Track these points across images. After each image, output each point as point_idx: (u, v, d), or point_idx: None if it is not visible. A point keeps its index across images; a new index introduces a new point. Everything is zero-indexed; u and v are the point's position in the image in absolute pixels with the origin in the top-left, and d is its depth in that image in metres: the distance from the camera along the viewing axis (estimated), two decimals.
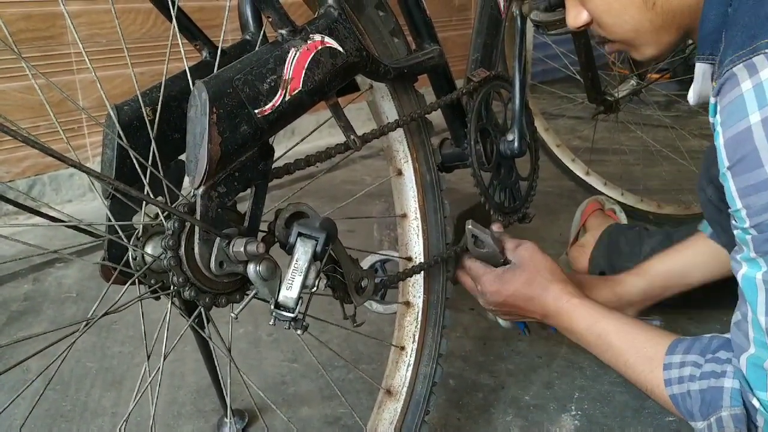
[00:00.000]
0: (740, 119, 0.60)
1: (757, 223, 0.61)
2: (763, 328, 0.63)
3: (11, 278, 1.56)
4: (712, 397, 0.69)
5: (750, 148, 0.60)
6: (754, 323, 0.64)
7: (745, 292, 0.65)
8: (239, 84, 0.60)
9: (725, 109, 0.62)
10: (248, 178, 0.64)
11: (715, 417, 0.68)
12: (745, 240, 0.64)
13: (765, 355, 0.63)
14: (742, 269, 0.65)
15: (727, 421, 0.67)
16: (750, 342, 0.65)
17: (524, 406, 1.07)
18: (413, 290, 0.93)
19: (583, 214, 1.55)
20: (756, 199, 0.61)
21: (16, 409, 1.07)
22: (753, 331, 0.65)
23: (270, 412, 1.06)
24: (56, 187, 2.03)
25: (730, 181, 0.63)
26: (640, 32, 0.75)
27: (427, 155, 0.92)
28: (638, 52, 0.79)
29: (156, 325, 0.71)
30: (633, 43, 0.77)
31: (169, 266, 0.60)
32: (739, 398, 0.67)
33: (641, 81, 1.79)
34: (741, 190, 0.62)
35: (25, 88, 1.87)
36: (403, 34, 0.89)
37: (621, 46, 0.79)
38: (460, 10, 3.46)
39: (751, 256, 0.64)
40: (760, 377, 0.64)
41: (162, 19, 1.89)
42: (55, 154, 0.48)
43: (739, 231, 0.65)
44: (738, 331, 0.67)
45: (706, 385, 0.70)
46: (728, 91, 0.62)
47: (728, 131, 0.62)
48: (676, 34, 0.74)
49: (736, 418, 0.67)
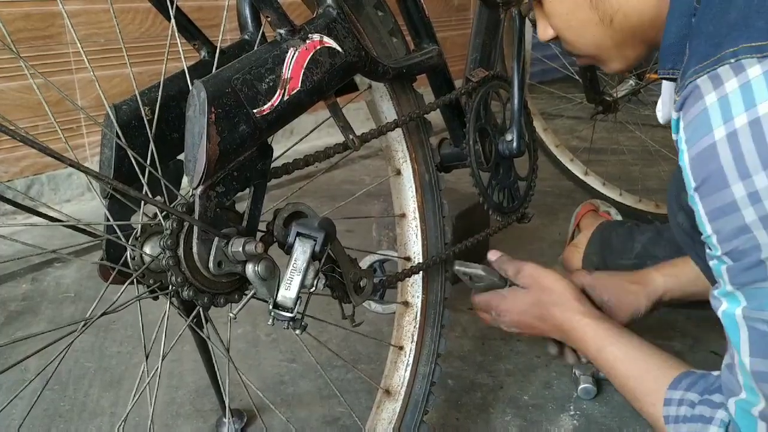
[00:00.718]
0: (704, 135, 0.56)
1: (729, 250, 0.57)
2: (748, 371, 0.58)
3: (10, 278, 1.56)
4: None
5: (715, 167, 0.55)
6: (741, 367, 0.60)
7: (728, 331, 0.60)
8: (238, 84, 0.60)
9: (689, 125, 0.58)
10: (247, 178, 0.64)
11: None
12: (720, 272, 0.59)
13: (754, 400, 0.59)
14: (722, 306, 0.60)
15: None
16: (740, 386, 0.61)
17: (523, 406, 1.07)
18: (412, 290, 0.93)
19: (577, 216, 1.56)
20: (725, 223, 0.56)
21: (14, 409, 1.07)
22: (741, 375, 0.60)
23: (269, 412, 1.06)
24: (54, 186, 2.02)
25: (698, 203, 0.58)
26: (602, 48, 0.74)
27: (425, 155, 0.92)
28: (606, 66, 0.78)
29: (154, 325, 0.71)
30: (598, 59, 0.77)
31: (167, 266, 0.60)
32: None
33: (640, 81, 1.79)
34: (709, 213, 0.57)
35: (24, 87, 1.86)
36: (401, 33, 0.89)
37: (588, 60, 0.79)
38: (459, 10, 3.47)
39: (728, 290, 0.59)
40: (750, 424, 0.60)
41: (161, 19, 1.89)
42: (54, 153, 0.48)
43: (714, 261, 0.60)
44: (729, 374, 0.63)
45: (694, 430, 0.67)
46: (691, 105, 0.57)
47: (692, 149, 0.57)
48: (640, 48, 0.73)
49: None
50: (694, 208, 0.60)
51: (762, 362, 0.57)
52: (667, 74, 0.66)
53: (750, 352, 0.58)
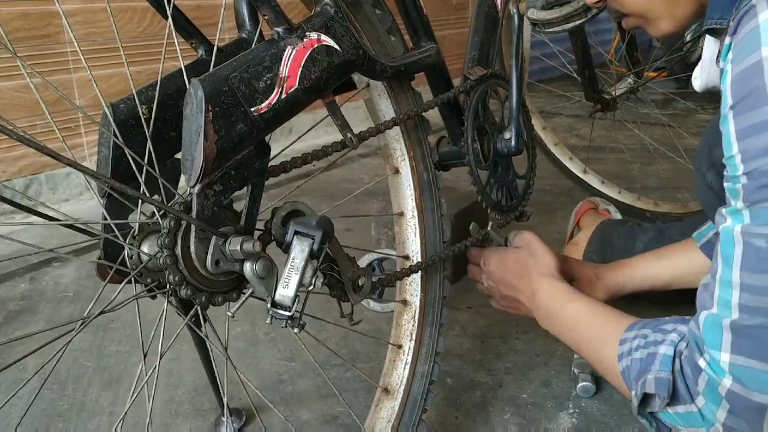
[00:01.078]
0: (752, 52, 0.56)
1: (751, 170, 0.58)
2: (732, 283, 0.60)
3: (8, 277, 1.55)
4: (645, 364, 0.68)
5: (757, 84, 0.56)
6: (722, 281, 0.62)
7: (722, 246, 0.62)
8: (235, 82, 0.60)
9: (738, 44, 0.58)
10: (245, 177, 0.64)
11: (641, 380, 0.68)
12: (735, 190, 0.61)
13: (725, 314, 0.61)
14: (725, 222, 0.62)
15: (650, 383, 0.66)
16: (714, 301, 0.63)
17: (522, 404, 1.07)
18: (410, 289, 0.93)
19: (577, 214, 1.56)
20: (754, 141, 0.57)
21: (12, 408, 1.07)
22: (719, 289, 0.62)
23: (267, 410, 1.06)
24: (53, 186, 2.02)
25: (730, 123, 0.59)
26: (653, 3, 0.74)
27: (424, 153, 0.92)
28: (654, 27, 0.77)
29: (153, 324, 0.71)
30: (647, 16, 0.76)
31: (165, 265, 0.60)
32: (669, 364, 0.66)
33: (638, 79, 1.79)
34: (740, 132, 0.58)
35: (21, 86, 1.86)
36: (399, 32, 0.89)
37: (637, 21, 0.78)
38: (458, 9, 3.46)
39: (738, 207, 0.61)
40: (717, 335, 0.62)
41: (158, 18, 1.88)
42: (51, 152, 0.48)
43: (730, 183, 0.61)
44: (704, 291, 0.65)
45: (645, 354, 0.69)
46: (745, 24, 0.58)
47: (737, 66, 0.58)
48: (691, 6, 0.73)
49: (659, 381, 0.66)
50: (723, 130, 0.61)
51: (751, 276, 0.59)
52: (715, 24, 0.66)
53: (741, 266, 0.60)
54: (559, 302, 0.90)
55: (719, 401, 0.62)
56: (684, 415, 0.66)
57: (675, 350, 0.67)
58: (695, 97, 3.23)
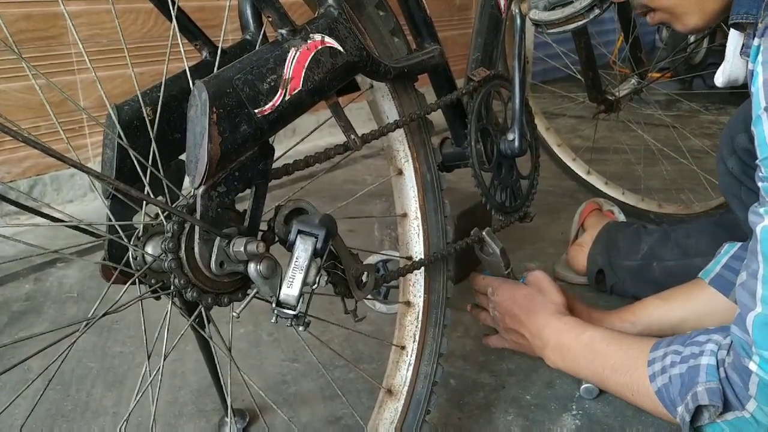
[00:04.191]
0: None
1: None
2: None
3: (12, 278, 1.56)
4: (689, 378, 0.68)
5: None
6: (764, 279, 0.61)
7: (762, 245, 0.62)
8: (239, 84, 0.60)
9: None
10: (248, 178, 0.64)
11: (691, 394, 0.67)
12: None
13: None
14: (763, 222, 0.62)
15: (702, 395, 0.66)
16: (757, 301, 0.62)
17: (525, 406, 1.07)
18: (414, 290, 0.93)
19: (581, 214, 1.56)
20: None
21: (16, 409, 1.07)
22: (761, 288, 0.62)
23: (271, 411, 1.06)
24: (57, 187, 2.03)
25: (764, 123, 0.60)
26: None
27: (427, 155, 0.92)
28: (681, 23, 0.77)
29: (156, 325, 0.71)
30: (676, 11, 0.76)
31: (169, 268, 0.60)
32: (715, 374, 0.66)
33: (642, 80, 1.79)
34: None
35: (26, 88, 1.87)
36: (403, 33, 0.89)
37: (664, 16, 0.78)
38: (461, 10, 3.46)
39: None
40: (767, 336, 0.61)
41: (162, 20, 1.89)
42: (56, 154, 0.48)
43: (765, 183, 0.62)
44: (744, 291, 0.64)
45: (685, 368, 0.69)
46: None
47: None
48: (720, 1, 0.72)
49: (710, 391, 0.65)
50: (756, 131, 0.61)
51: None
52: (741, 18, 0.66)
53: None
54: (572, 335, 0.89)
55: None
56: (733, 422, 0.65)
57: (717, 359, 0.66)
58: (699, 98, 3.22)
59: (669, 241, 1.33)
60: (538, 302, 0.98)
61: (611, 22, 3.36)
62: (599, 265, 1.40)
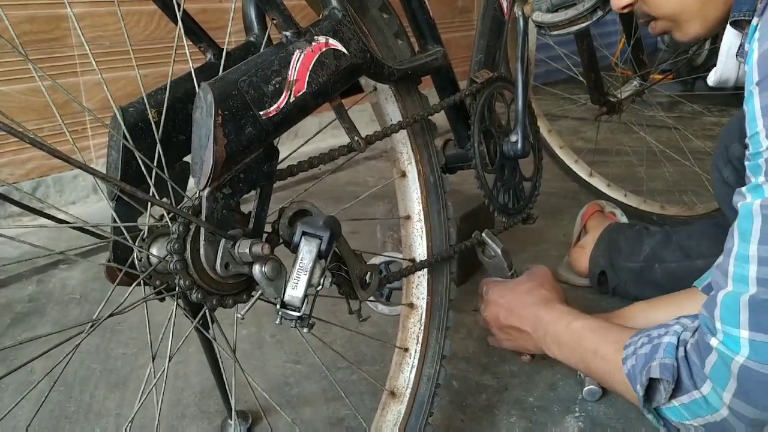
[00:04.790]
0: None
1: None
2: (749, 258, 0.61)
3: (15, 279, 1.56)
4: (649, 355, 0.69)
5: None
6: (738, 256, 0.62)
7: (740, 222, 0.63)
8: (244, 86, 0.61)
9: (766, 22, 0.60)
10: (253, 180, 0.65)
11: (646, 369, 0.69)
12: (757, 166, 0.61)
13: (742, 290, 0.61)
14: (744, 200, 0.63)
15: (654, 369, 0.67)
16: (729, 279, 0.63)
17: (528, 408, 1.07)
18: (417, 292, 0.93)
19: (583, 216, 1.56)
20: None
21: (20, 411, 1.07)
22: (734, 265, 0.62)
23: (274, 413, 1.06)
24: (60, 188, 2.03)
25: (755, 99, 0.60)
26: (686, 5, 0.74)
27: (430, 157, 0.93)
28: (683, 31, 0.78)
29: (160, 326, 0.71)
30: (678, 19, 0.76)
31: (174, 269, 0.61)
32: (673, 351, 0.67)
33: (644, 82, 1.79)
34: (765, 108, 0.59)
35: (29, 90, 1.87)
36: (406, 35, 0.89)
37: (666, 24, 0.79)
38: (463, 12, 3.47)
39: (759, 182, 0.61)
40: (734, 312, 0.62)
41: (165, 21, 1.89)
42: (62, 155, 0.49)
43: (751, 161, 0.62)
44: (717, 271, 0.65)
45: (649, 348, 0.70)
46: None
47: (764, 44, 0.59)
48: (722, 7, 0.73)
49: (663, 366, 0.67)
50: (747, 108, 0.62)
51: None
52: (741, 16, 0.67)
53: (760, 240, 0.60)
54: (564, 322, 0.92)
55: (726, 381, 0.62)
56: (688, 405, 0.66)
57: (678, 339, 0.68)
58: (701, 100, 3.22)
59: (671, 242, 1.33)
60: (538, 295, 0.99)
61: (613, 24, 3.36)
62: (601, 266, 1.40)
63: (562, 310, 0.95)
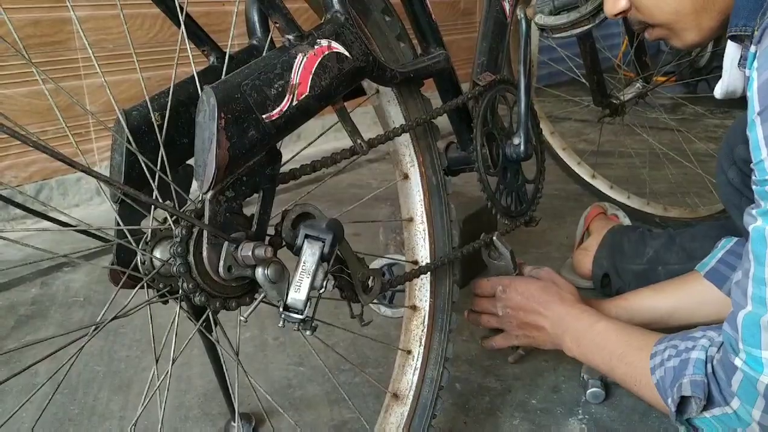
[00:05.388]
0: None
1: None
2: (765, 281, 0.62)
3: (19, 282, 1.57)
4: (679, 370, 0.70)
5: None
6: (755, 278, 0.63)
7: (753, 245, 0.64)
8: (247, 89, 0.61)
9: (764, 53, 0.60)
10: (256, 183, 0.65)
11: (677, 385, 0.69)
12: (765, 192, 0.62)
13: (761, 311, 0.62)
14: (756, 223, 0.64)
15: (686, 386, 0.68)
16: (748, 299, 0.64)
17: (531, 410, 1.07)
18: (420, 294, 0.93)
19: (587, 218, 1.56)
20: None
21: (24, 413, 1.07)
22: (752, 287, 0.63)
23: (277, 415, 1.06)
24: (63, 191, 2.04)
25: (758, 128, 0.61)
26: (680, 15, 0.74)
27: (433, 159, 0.93)
28: (679, 38, 0.77)
29: (163, 329, 0.71)
30: (674, 27, 0.76)
31: (178, 272, 0.61)
32: (702, 368, 0.67)
33: (647, 84, 1.78)
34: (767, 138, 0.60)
35: (32, 93, 1.88)
36: (409, 38, 0.90)
37: (662, 32, 0.79)
38: (465, 14, 3.47)
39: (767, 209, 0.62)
40: (755, 334, 0.63)
41: (168, 25, 1.90)
42: (66, 159, 0.49)
43: (759, 186, 0.63)
44: (737, 289, 0.66)
45: (678, 361, 0.71)
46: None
47: (763, 75, 0.60)
48: (717, 17, 0.73)
49: (694, 383, 0.67)
50: (750, 136, 0.62)
51: None
52: (739, 31, 0.67)
53: None
54: (587, 323, 0.92)
55: (754, 399, 0.63)
56: (721, 417, 0.67)
57: (706, 355, 0.68)
58: (704, 102, 3.22)
59: (674, 245, 1.32)
60: (555, 292, 1.00)
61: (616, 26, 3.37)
62: (604, 269, 1.40)
63: (582, 309, 0.96)
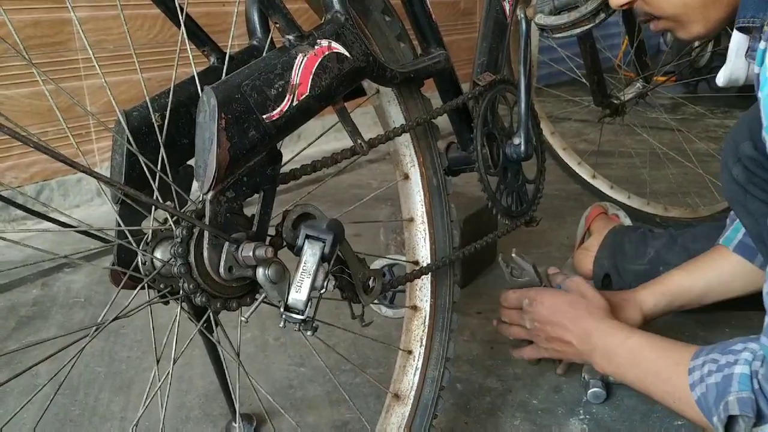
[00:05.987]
0: None
1: None
2: None
3: (20, 283, 1.57)
4: (723, 387, 0.68)
5: None
6: None
7: None
8: (247, 89, 0.61)
9: None
10: (257, 183, 0.65)
11: (723, 403, 0.67)
12: None
13: None
14: None
15: (733, 404, 0.66)
16: None
17: (532, 410, 1.07)
18: (421, 294, 0.93)
19: (588, 218, 1.55)
20: None
21: (25, 414, 1.08)
22: None
23: (278, 416, 1.06)
24: (64, 192, 2.04)
25: None
26: (688, 7, 0.74)
27: (433, 159, 0.93)
28: (685, 31, 0.77)
29: (164, 329, 0.71)
30: (680, 20, 0.76)
31: (178, 273, 0.61)
32: (748, 383, 0.66)
33: (647, 84, 1.78)
34: None
35: (33, 93, 1.88)
36: (409, 38, 0.90)
37: (667, 24, 0.78)
38: (466, 14, 3.47)
39: None
40: None
41: (169, 25, 1.89)
42: (66, 159, 0.49)
43: None
44: None
45: (720, 377, 0.69)
46: None
47: None
48: (724, 9, 0.73)
49: (742, 401, 0.65)
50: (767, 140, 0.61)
51: None
52: (746, 23, 0.67)
53: None
54: (618, 339, 0.90)
55: None
56: None
57: (751, 369, 0.66)
58: (704, 102, 3.22)
59: (676, 245, 1.32)
60: (583, 307, 0.97)
61: (616, 26, 3.37)
62: (606, 269, 1.39)
63: (611, 325, 0.93)
